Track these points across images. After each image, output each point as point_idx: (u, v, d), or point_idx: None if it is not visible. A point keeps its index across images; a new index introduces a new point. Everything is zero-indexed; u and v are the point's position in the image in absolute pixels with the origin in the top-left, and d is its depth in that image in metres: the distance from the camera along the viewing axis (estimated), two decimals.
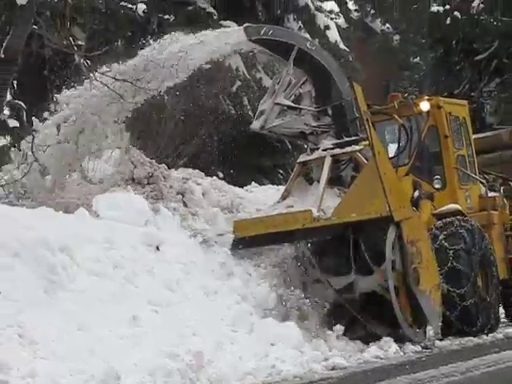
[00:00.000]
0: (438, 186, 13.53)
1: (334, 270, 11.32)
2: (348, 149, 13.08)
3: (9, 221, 9.37)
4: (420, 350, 10.73)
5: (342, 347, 10.49)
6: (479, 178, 14.17)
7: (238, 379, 8.61)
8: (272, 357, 9.35)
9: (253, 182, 16.21)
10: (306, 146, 13.97)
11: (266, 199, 13.82)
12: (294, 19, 23.78)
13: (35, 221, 9.68)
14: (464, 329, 12.16)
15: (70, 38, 13.70)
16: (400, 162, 13.08)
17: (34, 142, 11.84)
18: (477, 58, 28.07)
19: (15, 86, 21.27)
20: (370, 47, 33.07)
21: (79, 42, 19.28)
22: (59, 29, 12.67)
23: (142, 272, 10.16)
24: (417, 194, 12.77)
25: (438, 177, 13.58)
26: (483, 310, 12.53)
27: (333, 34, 24.79)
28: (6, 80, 11.80)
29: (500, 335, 12.51)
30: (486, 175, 14.69)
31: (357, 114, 12.87)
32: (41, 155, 11.97)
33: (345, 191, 12.60)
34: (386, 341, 10.68)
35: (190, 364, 8.36)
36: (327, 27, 24.80)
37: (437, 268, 11.58)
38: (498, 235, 13.95)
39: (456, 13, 28.26)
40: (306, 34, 21.54)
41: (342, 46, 24.90)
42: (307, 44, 13.49)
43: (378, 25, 35.62)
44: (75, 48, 15.32)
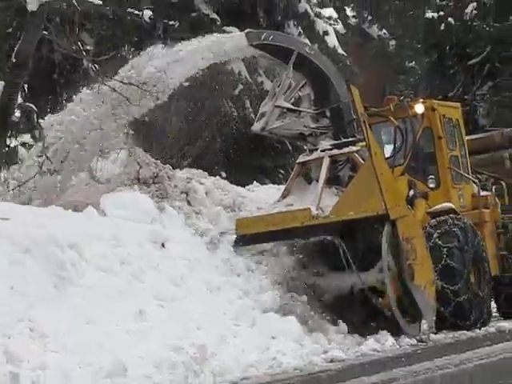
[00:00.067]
0: (432, 185, 13.65)
1: (332, 266, 11.49)
2: (346, 149, 13.05)
3: (20, 219, 9.48)
4: (415, 343, 10.83)
5: (341, 340, 10.58)
6: (472, 178, 14.29)
7: (240, 371, 8.68)
8: (273, 350, 9.44)
9: (254, 182, 16.17)
10: (305, 147, 13.97)
11: (267, 198, 13.83)
12: (294, 25, 23.73)
13: (45, 219, 9.78)
14: (458, 323, 12.30)
15: (79, 44, 13.80)
16: (396, 162, 13.16)
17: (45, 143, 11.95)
18: (470, 62, 28.28)
19: (26, 89, 21.30)
20: (367, 52, 32.78)
21: (87, 47, 19.46)
22: (68, 34, 12.75)
23: (148, 268, 10.24)
24: (412, 193, 12.96)
25: (433, 176, 13.71)
26: (476, 305, 12.66)
27: (331, 40, 24.71)
28: (17, 83, 11.86)
29: (492, 329, 12.65)
30: (479, 175, 14.79)
31: (354, 116, 12.94)
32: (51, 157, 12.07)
33: (342, 190, 12.65)
34: (383, 334, 10.79)
35: (194, 357, 8.40)
36: (326, 33, 24.72)
37: (431, 264, 11.67)
38: (489, 233, 14.08)
39: (450, 19, 28.54)
40: (306, 40, 21.50)
41: (340, 50, 24.79)
42: (306, 49, 13.58)
43: (374, 30, 35.42)
44: (84, 53, 15.40)
